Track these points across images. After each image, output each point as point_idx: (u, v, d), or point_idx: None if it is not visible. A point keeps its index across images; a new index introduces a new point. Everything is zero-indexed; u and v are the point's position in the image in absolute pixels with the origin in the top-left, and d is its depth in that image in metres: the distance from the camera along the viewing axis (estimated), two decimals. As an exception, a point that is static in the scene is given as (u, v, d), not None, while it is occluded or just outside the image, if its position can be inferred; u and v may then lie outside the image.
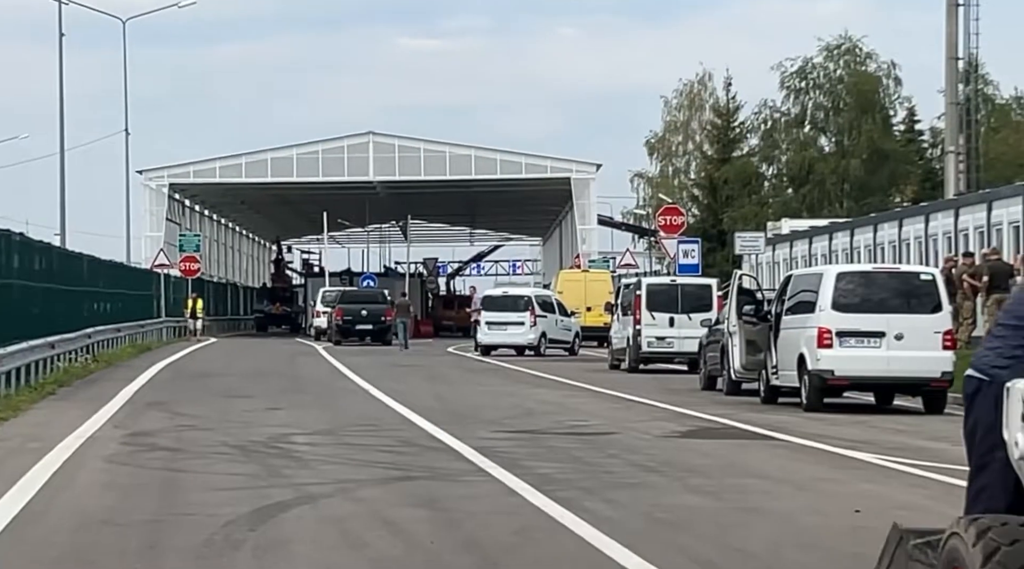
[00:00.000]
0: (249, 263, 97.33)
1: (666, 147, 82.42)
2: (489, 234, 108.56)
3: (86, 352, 34.70)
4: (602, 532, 10.86)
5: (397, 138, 70.09)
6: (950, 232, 40.00)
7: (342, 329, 53.56)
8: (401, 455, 16.22)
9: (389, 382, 28.98)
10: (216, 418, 20.56)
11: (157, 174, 69.78)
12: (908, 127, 75.84)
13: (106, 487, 13.57)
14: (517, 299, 46.29)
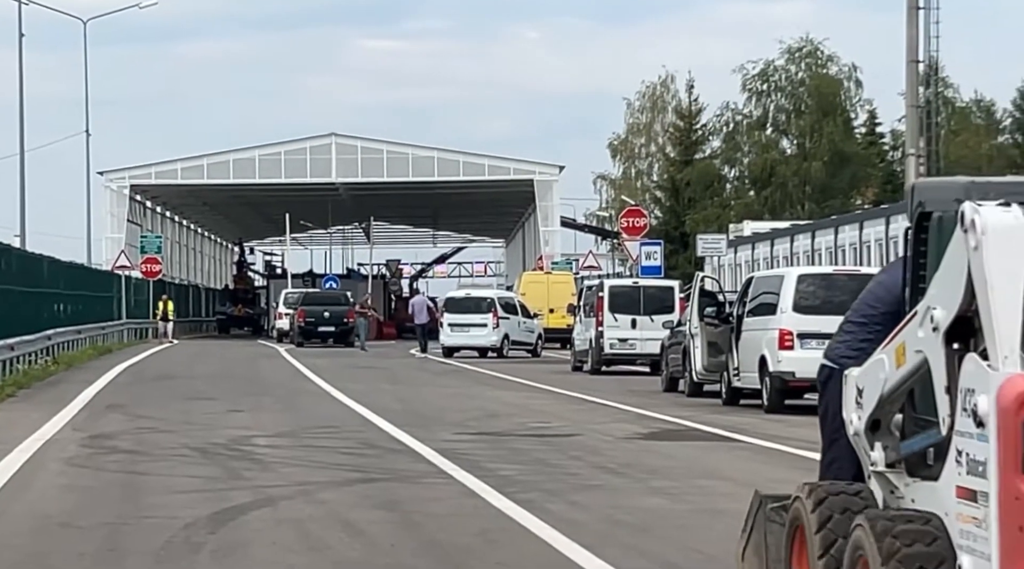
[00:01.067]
0: (211, 265, 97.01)
1: (629, 149, 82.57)
2: (452, 236, 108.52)
3: (46, 354, 34.49)
4: (564, 534, 10.86)
5: (360, 140, 69.98)
6: (911, 234, 40.22)
7: (304, 331, 53.43)
8: (362, 457, 16.18)
9: (351, 384, 28.91)
10: (177, 420, 20.47)
11: (118, 175, 69.47)
12: (869, 130, 76.22)
13: (65, 490, 13.49)
14: (480, 301, 46.28)
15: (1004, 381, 5.85)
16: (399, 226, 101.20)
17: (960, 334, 6.21)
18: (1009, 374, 5.86)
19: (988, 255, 5.99)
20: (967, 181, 6.53)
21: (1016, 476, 5.79)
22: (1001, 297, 5.97)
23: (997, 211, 6.04)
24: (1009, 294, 5.97)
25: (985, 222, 6.00)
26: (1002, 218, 6.00)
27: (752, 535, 7.74)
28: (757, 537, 7.68)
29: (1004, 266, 5.98)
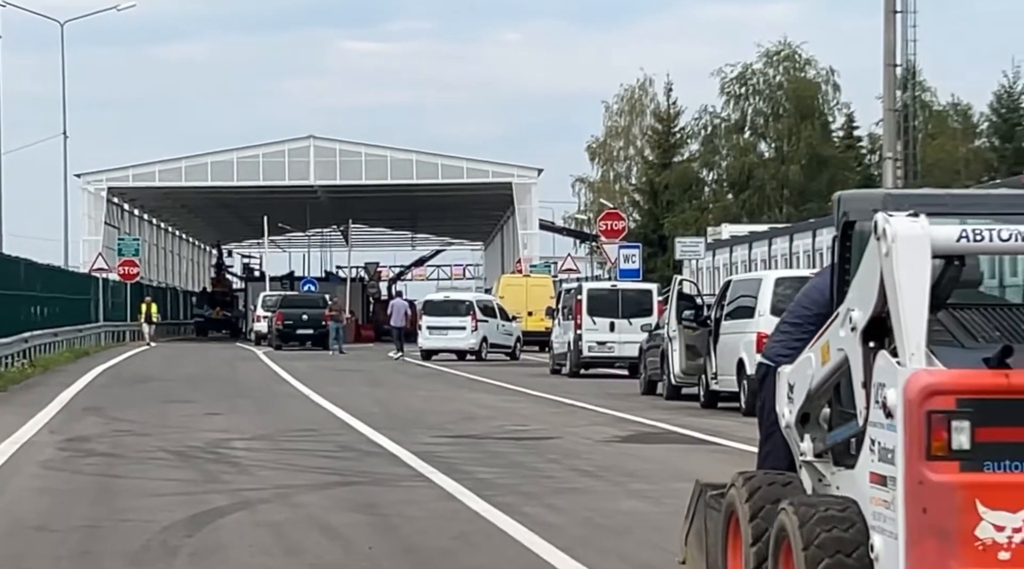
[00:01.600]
0: (189, 267, 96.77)
1: (607, 152, 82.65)
2: (431, 239, 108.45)
3: (23, 357, 34.38)
4: (542, 537, 10.86)
5: (338, 142, 69.89)
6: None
7: (282, 333, 53.34)
8: (340, 460, 16.16)
9: (329, 387, 28.88)
10: (154, 423, 20.42)
11: (96, 177, 69.26)
12: (847, 133, 76.44)
13: (41, 492, 13.45)
14: (458, 304, 46.27)
15: (910, 376, 6.35)
16: (378, 229, 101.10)
17: (875, 333, 6.69)
18: (915, 369, 6.36)
19: (897, 261, 6.47)
20: (884, 193, 7.10)
21: (920, 462, 6.29)
22: (908, 300, 6.45)
23: (906, 221, 6.53)
24: (915, 297, 6.44)
25: (894, 231, 6.48)
26: (910, 228, 6.49)
27: (693, 521, 8.23)
28: (698, 523, 8.16)
29: (911, 271, 6.46)
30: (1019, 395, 6.37)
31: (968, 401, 6.35)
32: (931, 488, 6.34)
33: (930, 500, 6.34)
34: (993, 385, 6.38)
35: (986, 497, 6.33)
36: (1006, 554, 6.30)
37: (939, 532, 6.33)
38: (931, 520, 6.34)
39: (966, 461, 6.35)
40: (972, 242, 6.60)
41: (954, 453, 6.34)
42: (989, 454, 6.36)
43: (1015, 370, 6.40)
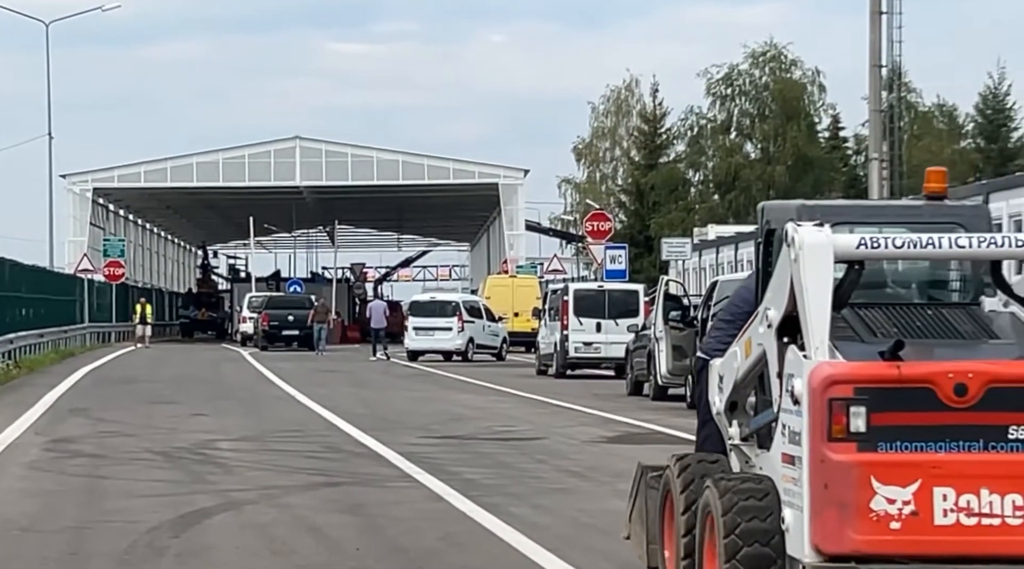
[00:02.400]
0: (174, 268, 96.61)
1: (593, 153, 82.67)
2: (417, 239, 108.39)
3: (8, 358, 34.30)
4: (528, 537, 10.87)
5: (324, 143, 69.82)
6: (874, 238, 40.37)
7: (268, 335, 53.29)
8: (327, 461, 16.15)
9: (316, 388, 28.85)
10: (140, 424, 20.39)
11: (81, 178, 69.12)
12: (833, 134, 76.53)
13: (27, 494, 13.42)
14: (444, 304, 46.25)
15: (814, 367, 7.13)
16: (364, 229, 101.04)
17: (787, 330, 7.47)
18: (818, 362, 7.14)
19: (803, 266, 7.25)
20: (799, 204, 7.93)
21: (822, 443, 7.09)
22: (813, 300, 7.24)
23: (812, 230, 7.31)
24: (819, 298, 7.23)
25: (801, 239, 7.27)
26: (815, 236, 7.28)
27: (636, 500, 9.04)
28: (640, 502, 8.95)
29: (815, 275, 7.24)
30: (909, 384, 7.11)
31: (864, 389, 7.10)
32: (832, 466, 7.07)
33: (831, 477, 7.07)
34: (886, 375, 7.13)
35: (880, 474, 7.07)
36: (896, 524, 7.04)
37: (838, 505, 7.05)
38: (831, 494, 7.06)
39: (862, 442, 7.09)
40: (870, 249, 7.37)
41: (852, 435, 7.09)
42: (883, 436, 7.09)
43: (906, 362, 7.14)
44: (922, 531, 7.07)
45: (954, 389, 7.12)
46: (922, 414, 7.12)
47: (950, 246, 7.41)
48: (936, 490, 7.09)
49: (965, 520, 7.08)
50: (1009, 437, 7.13)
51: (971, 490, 7.09)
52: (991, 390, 7.13)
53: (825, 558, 7.08)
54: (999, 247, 7.41)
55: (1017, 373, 7.19)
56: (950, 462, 7.11)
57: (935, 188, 8.22)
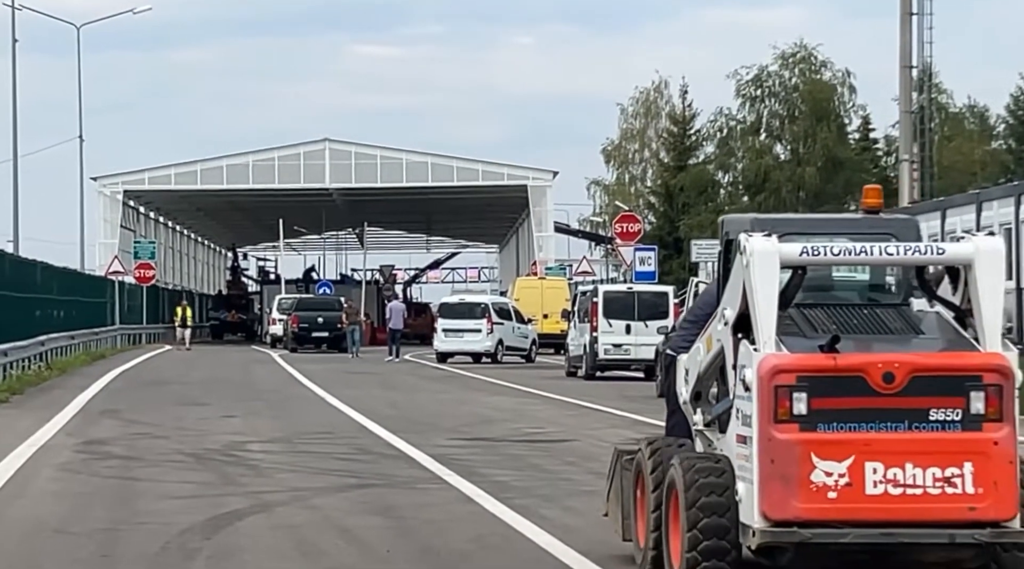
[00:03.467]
0: (205, 270, 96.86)
1: (622, 155, 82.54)
2: (446, 241, 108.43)
3: (39, 360, 34.44)
4: (559, 540, 10.86)
5: (353, 145, 69.91)
6: (905, 240, 40.20)
7: (298, 336, 53.36)
8: (357, 463, 16.16)
9: (345, 389, 28.88)
10: (170, 426, 20.44)
11: (111, 181, 69.36)
12: (863, 135, 76.24)
13: (59, 495, 13.46)
14: (474, 306, 46.23)
15: (762, 359, 8.27)
16: (393, 231, 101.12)
17: (741, 327, 8.58)
18: (766, 354, 8.28)
19: (753, 271, 8.39)
20: (753, 217, 9.07)
21: (769, 424, 8.20)
22: (761, 300, 8.37)
23: (761, 239, 8.43)
24: (767, 298, 8.36)
25: (752, 247, 8.41)
26: (763, 244, 8.41)
27: (613, 481, 10.00)
28: (616, 482, 9.92)
29: (763, 278, 8.38)
30: (843, 373, 8.23)
31: (805, 378, 8.23)
32: (777, 444, 8.20)
33: (776, 453, 8.19)
34: (824, 366, 8.26)
35: (819, 450, 8.18)
36: (833, 494, 8.17)
37: (783, 478, 8.17)
38: (777, 469, 8.18)
39: (804, 423, 8.21)
40: (811, 256, 8.51)
41: (795, 417, 8.22)
42: (821, 418, 8.22)
43: (841, 354, 8.26)
44: (855, 500, 8.16)
45: (883, 377, 8.23)
46: (855, 399, 8.22)
47: (880, 254, 8.57)
48: (867, 465, 8.18)
49: (892, 490, 8.18)
50: (930, 418, 8.25)
51: (897, 464, 8.19)
52: (914, 378, 8.23)
53: (772, 524, 8.19)
54: (921, 254, 8.60)
55: (937, 363, 8.32)
56: (879, 440, 8.22)
57: (872, 203, 9.19)
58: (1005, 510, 8.22)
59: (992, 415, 8.26)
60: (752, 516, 8.25)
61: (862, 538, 8.18)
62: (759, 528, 8.20)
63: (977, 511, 8.20)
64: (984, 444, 8.23)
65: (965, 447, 8.22)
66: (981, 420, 8.26)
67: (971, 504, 8.20)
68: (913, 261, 8.72)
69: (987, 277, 8.59)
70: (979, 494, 8.20)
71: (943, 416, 8.25)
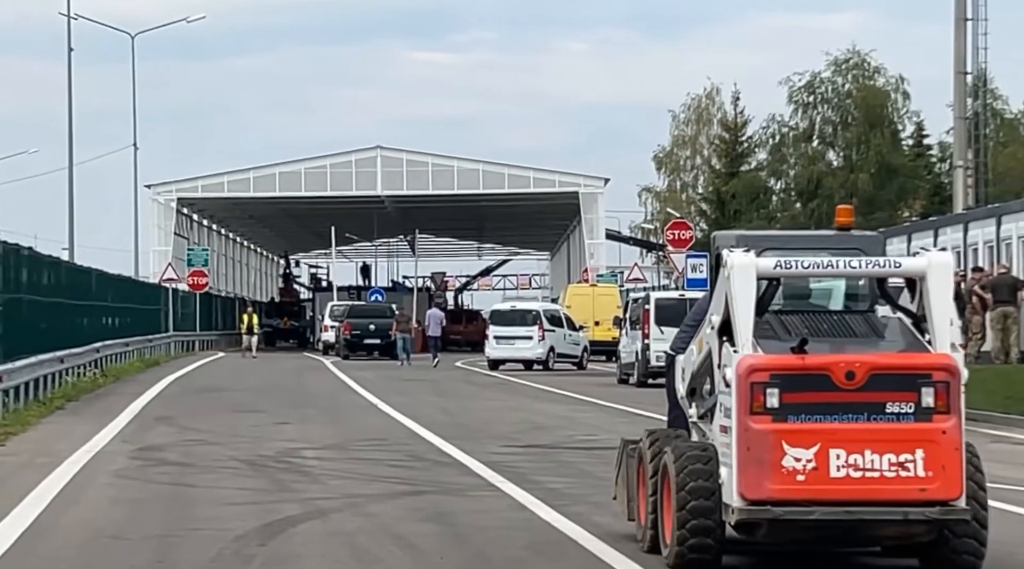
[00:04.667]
0: (257, 277, 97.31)
1: (674, 161, 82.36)
2: (497, 248, 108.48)
3: (94, 366, 34.69)
4: (612, 547, 10.85)
5: (405, 152, 70.07)
6: (959, 247, 39.94)
7: (350, 343, 53.48)
8: (410, 470, 16.19)
9: (397, 396, 28.94)
10: (225, 433, 20.54)
11: (165, 188, 69.80)
12: (917, 142, 75.77)
13: (115, 502, 13.55)
14: (525, 313, 46.21)
15: (740, 359, 9.47)
16: (444, 238, 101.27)
17: (725, 331, 9.72)
18: (743, 355, 9.47)
19: (733, 282, 9.60)
20: (739, 234, 10.29)
21: (746, 416, 9.35)
22: (741, 308, 9.58)
23: (741, 254, 9.64)
24: (745, 306, 9.57)
25: (732, 261, 9.64)
26: (742, 259, 9.63)
27: (620, 469, 11.21)
28: (623, 470, 11.14)
29: (742, 289, 9.59)
30: (811, 371, 9.37)
31: (777, 375, 9.37)
32: (753, 433, 9.34)
33: (752, 441, 9.33)
34: (793, 365, 9.41)
35: (789, 439, 9.32)
36: (802, 477, 9.31)
37: (758, 463, 9.31)
38: (753, 455, 9.32)
39: (776, 415, 9.35)
40: (784, 269, 9.72)
41: (768, 410, 9.35)
42: (791, 410, 9.35)
43: (809, 355, 9.42)
44: (821, 482, 9.30)
45: (845, 375, 9.35)
46: (821, 394, 9.36)
47: (844, 267, 9.75)
48: (831, 451, 9.31)
49: (853, 473, 9.32)
50: (886, 411, 9.37)
51: (857, 451, 9.32)
52: (873, 376, 9.35)
53: (748, 503, 9.33)
54: (881, 268, 9.78)
55: (892, 363, 9.48)
56: (842, 430, 9.34)
57: (843, 221, 10.33)
58: (952, 491, 9.33)
59: (941, 408, 9.40)
60: (731, 497, 9.40)
61: (827, 515, 9.31)
62: (737, 507, 9.36)
63: (927, 492, 9.31)
64: (934, 433, 9.35)
65: (917, 436, 9.34)
66: (931, 412, 9.39)
67: (922, 486, 9.31)
68: (873, 273, 9.87)
69: (938, 287, 9.72)
70: (929, 477, 9.31)
71: (898, 409, 9.38)
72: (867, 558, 10.43)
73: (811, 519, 9.33)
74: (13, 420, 21.99)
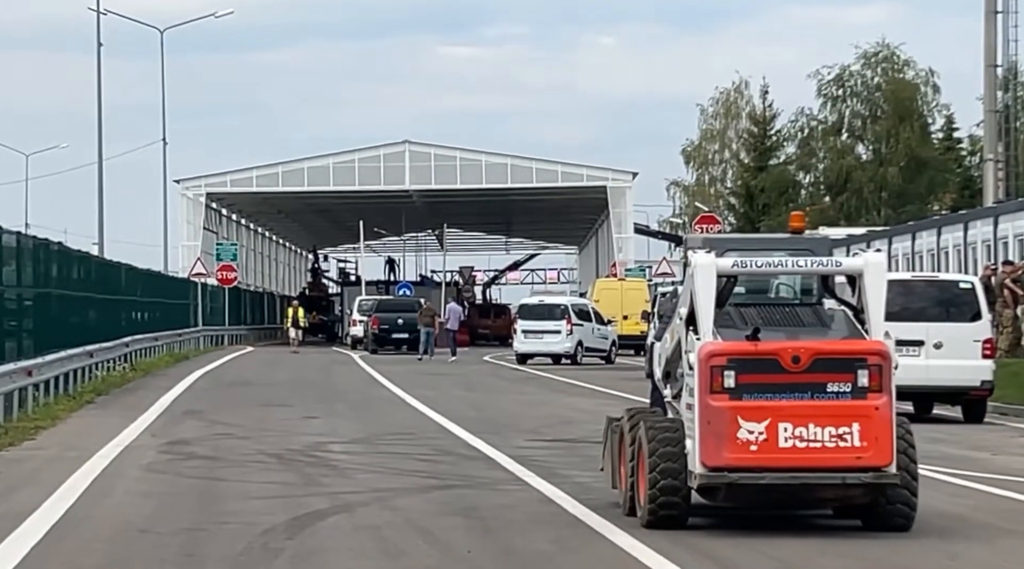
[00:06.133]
0: (286, 272, 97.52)
1: (702, 155, 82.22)
2: (525, 243, 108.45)
3: (124, 361, 34.82)
4: (640, 541, 10.84)
5: (433, 147, 70.11)
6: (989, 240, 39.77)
7: (378, 338, 53.50)
8: (437, 464, 16.21)
9: (425, 391, 28.97)
10: (253, 427, 20.60)
11: (194, 183, 70.00)
12: (946, 135, 75.45)
13: (144, 495, 13.61)
14: (553, 307, 46.17)
15: (701, 345, 11.04)
16: (472, 233, 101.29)
17: (691, 322, 11.30)
18: (705, 342, 11.03)
19: (696, 279, 11.20)
20: (704, 237, 12.16)
21: (707, 395, 10.89)
22: (703, 301, 11.15)
23: (703, 254, 11.26)
24: (706, 300, 11.14)
25: (695, 261, 11.24)
26: (704, 259, 11.24)
27: (606, 443, 12.75)
28: (607, 444, 12.67)
29: (703, 285, 11.17)
30: (762, 356, 10.91)
31: (733, 360, 10.90)
32: (713, 410, 10.87)
33: (712, 417, 10.86)
34: (747, 350, 10.96)
35: (743, 414, 10.83)
36: (755, 447, 10.82)
37: (716, 435, 10.84)
38: (712, 428, 10.85)
39: (732, 394, 10.87)
40: (740, 267, 11.31)
41: (726, 389, 10.87)
42: (745, 390, 10.86)
43: (761, 342, 10.98)
44: (771, 451, 10.81)
45: (791, 359, 10.87)
46: (771, 375, 10.86)
47: (792, 266, 11.37)
48: (780, 425, 10.81)
49: (799, 444, 10.84)
50: (827, 390, 10.88)
51: (802, 424, 10.83)
52: (816, 360, 10.88)
53: (709, 470, 10.88)
54: (824, 266, 11.41)
55: (832, 348, 11.02)
56: (789, 406, 10.85)
57: (796, 226, 12.06)
58: (884, 458, 10.84)
59: (874, 387, 10.88)
60: (695, 465, 10.95)
61: (776, 480, 10.85)
62: (700, 473, 10.91)
63: (863, 459, 10.82)
64: (868, 409, 10.84)
65: (853, 411, 10.83)
66: (866, 391, 10.87)
67: (858, 454, 10.82)
68: (818, 271, 11.54)
69: (873, 283, 11.27)
70: (864, 447, 10.81)
71: (837, 388, 10.89)
72: (819, 520, 11.76)
73: (762, 483, 10.83)
74: (43, 414, 22.09)
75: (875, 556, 10.57)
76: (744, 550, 10.67)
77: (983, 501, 13.55)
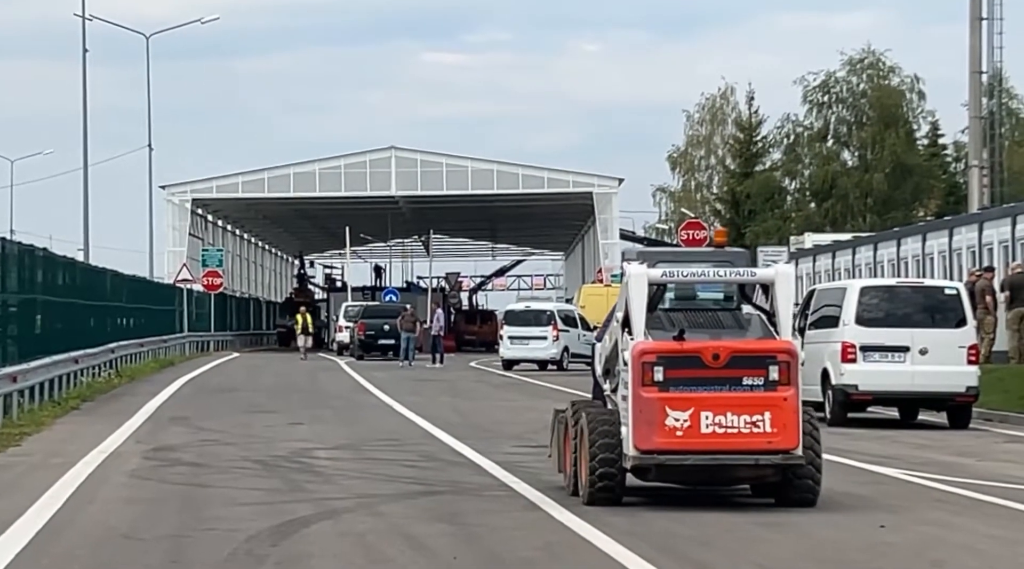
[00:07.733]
0: (272, 278, 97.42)
1: (688, 162, 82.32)
2: (511, 249, 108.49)
3: (109, 367, 34.75)
4: (625, 547, 10.84)
5: (419, 153, 70.10)
6: (974, 246, 39.84)
7: (364, 344, 53.45)
8: (423, 470, 16.19)
9: (411, 397, 28.95)
10: (238, 433, 20.56)
11: (180, 189, 69.90)
12: (932, 141, 75.65)
13: (129, 502, 13.58)
14: (539, 313, 46.18)
15: (634, 344, 12.63)
16: (458, 239, 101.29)
17: (627, 324, 12.81)
18: (637, 341, 12.63)
19: (630, 287, 12.80)
20: (640, 250, 14.17)
21: (639, 387, 12.48)
22: (636, 306, 12.77)
23: (636, 266, 12.94)
24: (639, 305, 12.74)
25: (630, 271, 12.88)
26: (637, 270, 12.88)
27: (553, 432, 14.26)
28: (555, 433, 14.16)
29: (636, 292, 12.79)
30: (687, 353, 12.51)
31: (662, 356, 12.51)
32: (644, 401, 12.48)
33: (643, 407, 12.47)
34: (674, 349, 12.56)
35: (670, 404, 12.45)
36: (680, 433, 12.43)
37: (647, 423, 12.44)
38: (644, 417, 12.45)
39: (661, 387, 12.48)
40: (669, 277, 12.99)
41: (655, 383, 12.48)
42: (672, 383, 12.47)
43: (686, 342, 12.56)
44: (695, 437, 12.42)
45: (712, 357, 12.48)
46: (694, 371, 12.46)
47: (713, 276, 13.05)
48: (702, 413, 12.40)
49: (719, 430, 12.43)
50: (743, 383, 12.48)
51: (722, 413, 12.41)
52: (733, 357, 12.49)
53: (640, 453, 12.49)
54: (741, 276, 13.09)
55: (747, 347, 12.62)
56: (710, 398, 12.43)
57: (719, 241, 14.05)
58: (791, 442, 12.50)
59: (783, 381, 12.48)
60: (629, 448, 12.53)
61: (699, 461, 12.49)
62: (632, 456, 12.53)
63: (773, 443, 12.45)
64: (777, 400, 12.46)
65: (765, 402, 12.44)
66: (776, 384, 12.47)
67: (769, 439, 12.43)
68: (736, 281, 13.14)
69: (783, 291, 12.85)
70: (774, 432, 12.43)
71: (751, 382, 12.47)
72: (739, 498, 13.36)
73: (687, 464, 12.49)
74: (28, 420, 22.04)
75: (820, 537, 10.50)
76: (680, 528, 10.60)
77: (967, 506, 13.56)
